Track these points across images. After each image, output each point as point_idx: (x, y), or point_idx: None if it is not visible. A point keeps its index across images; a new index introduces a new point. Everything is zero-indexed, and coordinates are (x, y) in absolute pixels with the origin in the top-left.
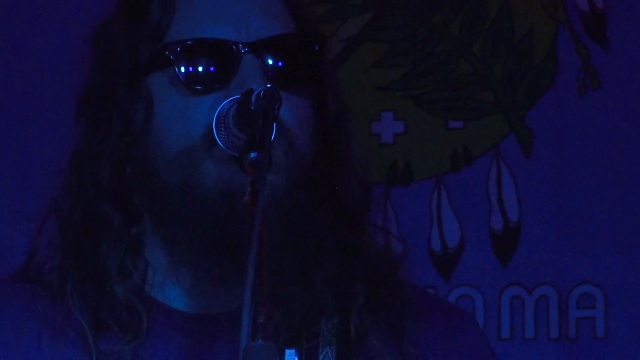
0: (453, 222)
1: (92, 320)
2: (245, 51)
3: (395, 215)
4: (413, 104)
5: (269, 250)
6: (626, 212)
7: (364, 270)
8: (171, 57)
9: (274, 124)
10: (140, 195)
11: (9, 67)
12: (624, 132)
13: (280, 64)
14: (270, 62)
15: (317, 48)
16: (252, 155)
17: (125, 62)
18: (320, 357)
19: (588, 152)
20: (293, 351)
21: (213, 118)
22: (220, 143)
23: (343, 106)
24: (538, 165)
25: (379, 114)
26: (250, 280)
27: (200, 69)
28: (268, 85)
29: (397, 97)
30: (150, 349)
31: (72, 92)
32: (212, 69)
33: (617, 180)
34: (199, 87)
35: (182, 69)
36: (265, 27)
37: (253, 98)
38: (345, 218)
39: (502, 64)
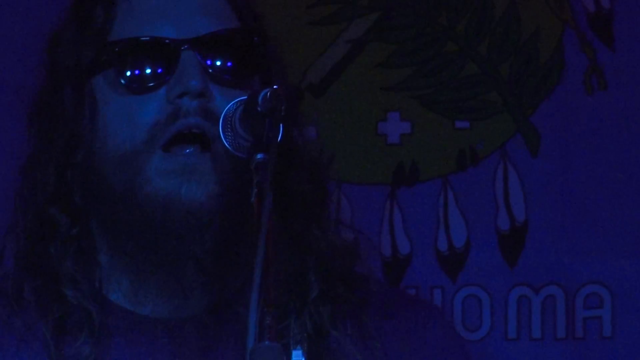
0: (460, 222)
1: (52, 326)
2: (183, 48)
3: (401, 216)
4: (420, 105)
5: (217, 257)
6: (633, 212)
7: (318, 265)
8: (110, 57)
9: (280, 125)
10: (87, 199)
11: None
12: (631, 131)
13: (219, 59)
14: (209, 57)
15: (256, 41)
16: (259, 156)
17: (69, 66)
18: (292, 355)
19: (594, 152)
20: (300, 352)
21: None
22: (226, 144)
23: (292, 97)
24: (545, 165)
25: (386, 115)
26: (257, 281)
27: (139, 68)
28: (274, 87)
29: (404, 97)
30: (112, 353)
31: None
32: (150, 67)
33: (623, 180)
34: (138, 87)
35: (121, 69)
36: (205, 24)
37: (259, 99)
38: (294, 214)
39: (508, 64)
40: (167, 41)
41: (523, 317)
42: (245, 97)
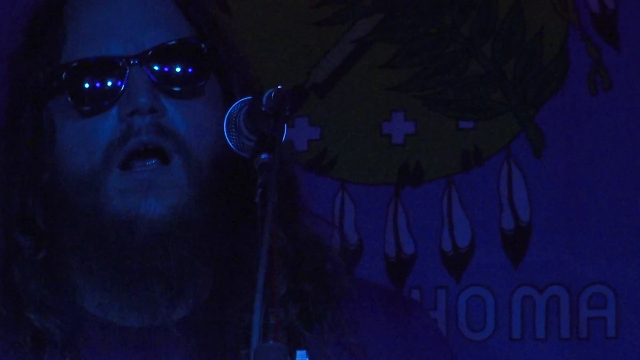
0: (464, 223)
1: (29, 343)
2: (130, 64)
3: (406, 216)
4: (424, 105)
5: (184, 270)
6: (637, 212)
7: (285, 264)
8: (60, 82)
9: (285, 125)
10: (51, 221)
11: None
12: (635, 131)
13: (167, 72)
14: (157, 71)
15: (206, 49)
16: (263, 156)
17: (26, 90)
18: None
19: (599, 152)
20: (304, 352)
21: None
22: (230, 144)
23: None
24: (549, 165)
25: (390, 115)
26: (261, 281)
27: (88, 90)
28: (279, 86)
29: (408, 97)
30: None
31: None
32: (99, 88)
33: (628, 180)
34: (89, 109)
35: (72, 93)
36: (152, 38)
37: (264, 99)
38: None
39: (512, 64)
40: (113, 59)
41: (527, 317)
42: (250, 97)
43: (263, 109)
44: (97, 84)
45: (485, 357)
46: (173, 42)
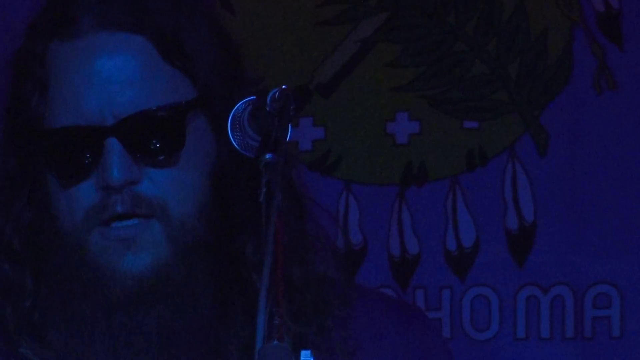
0: (468, 222)
1: None
2: (105, 135)
3: (410, 216)
4: (428, 105)
5: (167, 329)
6: None
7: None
8: (40, 150)
9: (289, 124)
10: (35, 264)
11: None
12: None
13: (142, 141)
14: (133, 141)
15: (182, 117)
16: (268, 156)
17: (16, 135)
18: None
19: (603, 152)
20: (309, 352)
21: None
22: (235, 144)
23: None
24: (553, 165)
25: (394, 115)
26: (265, 281)
27: (63, 163)
28: (283, 86)
29: (412, 97)
30: None
31: None
32: (74, 160)
33: (632, 179)
34: (66, 182)
35: (48, 164)
36: (129, 102)
37: (268, 99)
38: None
39: (517, 64)
40: (88, 131)
41: (532, 317)
42: (254, 97)
43: (267, 109)
44: (73, 155)
45: (490, 357)
46: (148, 111)
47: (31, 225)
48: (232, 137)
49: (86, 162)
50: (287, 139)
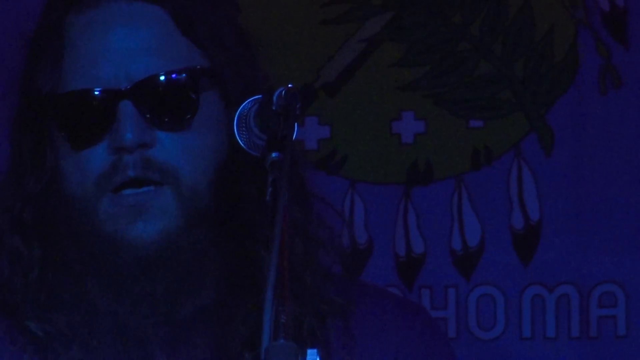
0: (474, 222)
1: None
2: (120, 98)
3: (416, 215)
4: (433, 104)
5: (177, 294)
6: None
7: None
8: (53, 110)
9: (295, 123)
10: (47, 233)
11: None
12: None
13: (156, 105)
14: (147, 105)
15: (202, 82)
16: (273, 155)
17: (29, 105)
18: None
19: (609, 151)
20: (315, 351)
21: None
22: (241, 143)
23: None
24: (559, 164)
25: (400, 114)
26: (272, 279)
27: (77, 125)
28: (289, 85)
29: (418, 96)
30: None
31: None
32: (88, 123)
33: (638, 178)
34: (79, 144)
35: (60, 126)
36: (144, 68)
37: (274, 98)
38: (257, 239)
39: (522, 63)
40: (103, 93)
41: (537, 316)
42: (260, 96)
43: (273, 108)
44: (86, 120)
45: (496, 356)
46: (162, 75)
47: (41, 197)
48: (238, 135)
49: (100, 124)
50: (293, 138)
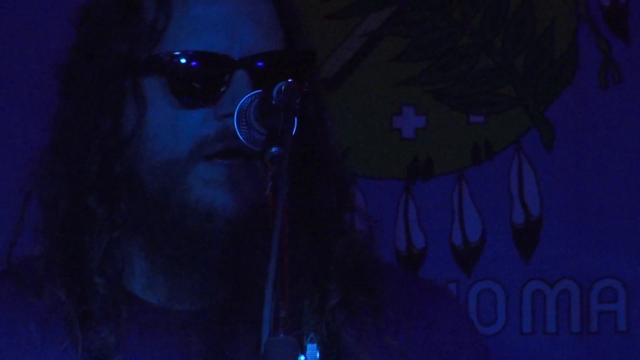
0: (474, 217)
1: (78, 310)
2: (236, 67)
3: (416, 210)
4: (434, 99)
5: (239, 267)
6: None
7: (338, 272)
8: (163, 66)
9: (295, 118)
10: (124, 196)
11: None
12: None
13: (270, 80)
14: (260, 78)
15: (305, 65)
16: (274, 149)
17: (118, 58)
18: (306, 344)
19: (609, 146)
20: (315, 346)
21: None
22: (241, 138)
23: (321, 105)
24: (559, 159)
25: (400, 109)
26: (272, 274)
27: (190, 83)
28: (289, 80)
29: (418, 91)
30: (133, 342)
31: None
32: (202, 83)
33: (638, 174)
34: (188, 102)
35: (172, 81)
36: (258, 42)
37: (274, 92)
38: (318, 221)
39: (523, 58)
40: (220, 58)
41: (538, 311)
42: (260, 91)
43: (273, 102)
44: (199, 80)
45: (496, 351)
46: (281, 51)
47: (117, 158)
48: (239, 130)
49: (210, 89)
50: (294, 132)
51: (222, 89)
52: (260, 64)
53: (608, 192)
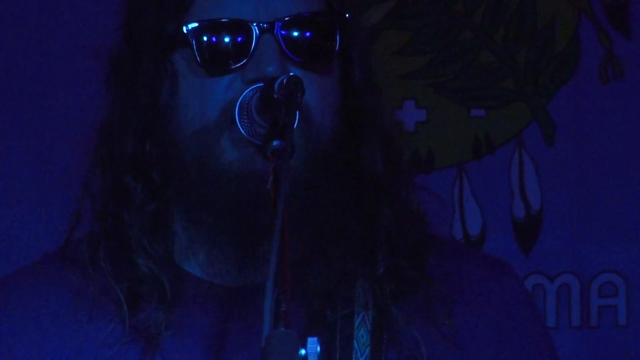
0: (475, 211)
1: (126, 291)
2: (262, 32)
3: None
4: (435, 92)
5: (291, 230)
6: None
7: (387, 243)
8: (189, 37)
9: (297, 112)
10: (162, 170)
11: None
12: None
13: (297, 42)
14: (288, 41)
15: (338, 26)
16: (275, 143)
17: (151, 35)
18: (356, 322)
19: (610, 141)
20: (315, 339)
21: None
22: (242, 131)
23: (372, 75)
24: (560, 153)
25: (401, 102)
26: (272, 268)
27: (216, 50)
28: (291, 74)
29: (420, 85)
30: (182, 318)
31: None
32: (228, 50)
33: (638, 169)
34: (215, 68)
35: (199, 50)
36: (285, 5)
37: (276, 86)
38: (365, 190)
39: (524, 53)
40: (246, 23)
41: (538, 306)
42: (262, 84)
43: (275, 96)
44: (227, 46)
45: None
46: (307, 14)
47: (152, 133)
48: (240, 124)
49: (238, 54)
50: (295, 126)
51: (248, 55)
52: (286, 27)
53: (608, 186)
